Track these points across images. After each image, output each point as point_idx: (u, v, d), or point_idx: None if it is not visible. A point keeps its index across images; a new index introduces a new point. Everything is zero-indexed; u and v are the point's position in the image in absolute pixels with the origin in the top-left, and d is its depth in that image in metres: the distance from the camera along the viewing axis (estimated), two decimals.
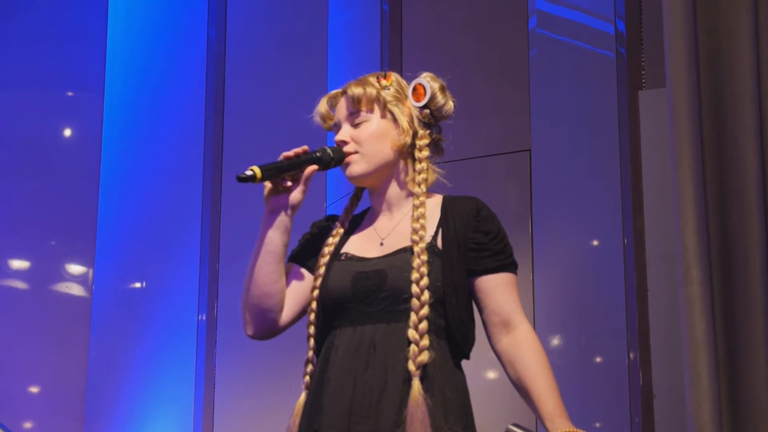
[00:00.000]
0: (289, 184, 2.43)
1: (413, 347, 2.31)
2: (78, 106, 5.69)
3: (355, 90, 2.49)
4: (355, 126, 2.49)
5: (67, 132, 5.71)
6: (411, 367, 2.30)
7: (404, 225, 2.47)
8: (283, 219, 2.42)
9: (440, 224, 2.44)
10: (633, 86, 4.52)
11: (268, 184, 2.41)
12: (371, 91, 2.49)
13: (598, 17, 4.71)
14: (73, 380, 5.39)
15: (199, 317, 5.31)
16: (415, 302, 2.33)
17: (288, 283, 2.48)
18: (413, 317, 2.33)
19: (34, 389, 5.44)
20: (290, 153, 2.41)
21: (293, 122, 5.28)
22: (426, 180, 2.48)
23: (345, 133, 2.49)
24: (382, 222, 2.51)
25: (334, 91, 2.56)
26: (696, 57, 3.09)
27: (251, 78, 5.52)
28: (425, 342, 2.32)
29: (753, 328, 2.97)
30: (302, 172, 2.42)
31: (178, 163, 5.50)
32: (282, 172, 2.39)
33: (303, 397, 2.42)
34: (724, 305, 3.02)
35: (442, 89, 2.53)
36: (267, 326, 2.48)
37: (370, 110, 2.49)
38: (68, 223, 5.55)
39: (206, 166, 5.45)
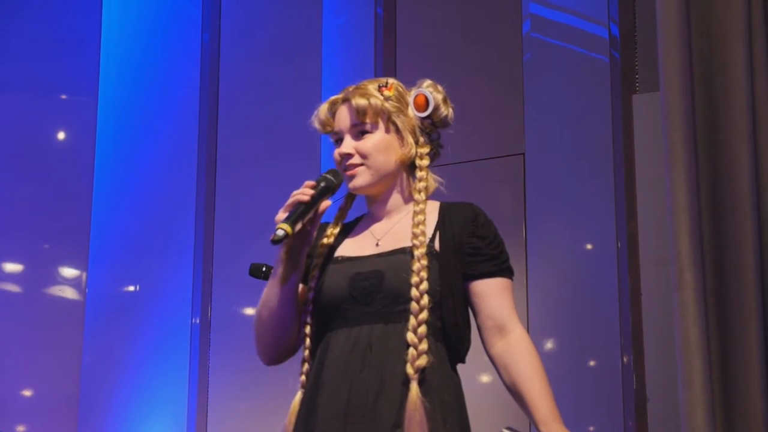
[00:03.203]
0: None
1: (412, 351, 2.31)
2: (72, 110, 5.69)
3: (360, 101, 2.47)
4: (358, 137, 2.48)
5: (61, 135, 5.71)
6: (409, 370, 2.30)
7: (400, 227, 2.47)
8: (299, 257, 2.42)
9: (437, 228, 2.44)
10: (627, 90, 4.53)
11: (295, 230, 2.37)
12: (376, 102, 2.47)
13: (592, 21, 4.72)
14: (66, 384, 5.38)
15: (193, 320, 5.30)
16: (414, 306, 2.34)
17: None
18: (412, 321, 2.33)
19: (27, 393, 5.43)
20: (306, 197, 2.36)
21: (287, 126, 5.30)
22: (426, 188, 2.49)
23: (348, 145, 2.47)
24: (379, 225, 2.51)
25: (335, 97, 2.54)
26: (690, 61, 3.10)
27: (245, 81, 5.52)
28: (423, 346, 2.32)
29: (746, 332, 2.97)
30: (317, 210, 2.39)
31: (172, 166, 5.49)
32: (304, 217, 2.37)
33: (299, 396, 2.43)
34: (718, 309, 3.02)
35: (445, 100, 2.54)
36: (284, 353, 2.49)
37: (374, 122, 2.48)
38: (62, 226, 5.54)
39: (200, 169, 5.44)
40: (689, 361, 2.92)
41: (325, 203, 2.41)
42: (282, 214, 2.35)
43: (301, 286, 2.47)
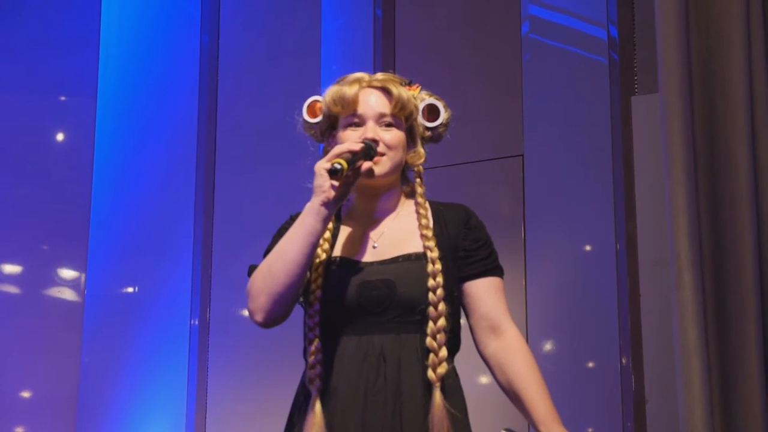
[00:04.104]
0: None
1: (433, 357, 2.31)
2: (71, 111, 5.68)
3: (402, 94, 2.45)
4: (382, 127, 2.45)
5: (60, 136, 5.71)
6: (431, 376, 2.30)
7: (396, 229, 2.46)
8: (331, 213, 2.35)
9: (434, 233, 2.43)
10: (626, 92, 4.53)
11: (335, 182, 2.32)
12: (410, 99, 2.46)
13: (591, 23, 4.72)
14: (65, 385, 5.38)
15: (192, 322, 5.30)
16: (432, 311, 2.33)
17: None
18: (431, 326, 2.32)
19: (25, 394, 5.42)
20: (357, 147, 2.33)
21: (286, 127, 5.29)
22: (424, 192, 2.49)
23: (375, 132, 2.43)
24: (371, 225, 2.49)
25: (364, 81, 2.48)
26: (688, 62, 3.10)
27: (244, 83, 5.52)
28: (443, 353, 2.32)
29: (745, 333, 2.97)
30: (358, 168, 2.35)
31: (171, 167, 5.49)
32: (353, 165, 2.33)
33: (318, 404, 2.32)
34: (716, 310, 3.03)
35: (448, 121, 2.53)
36: (281, 314, 2.36)
37: (401, 118, 2.46)
38: (61, 227, 5.53)
39: (199, 171, 5.44)
40: (688, 361, 2.92)
41: (367, 164, 2.36)
42: (325, 163, 2.31)
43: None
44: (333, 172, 2.28)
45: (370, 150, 2.38)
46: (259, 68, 5.51)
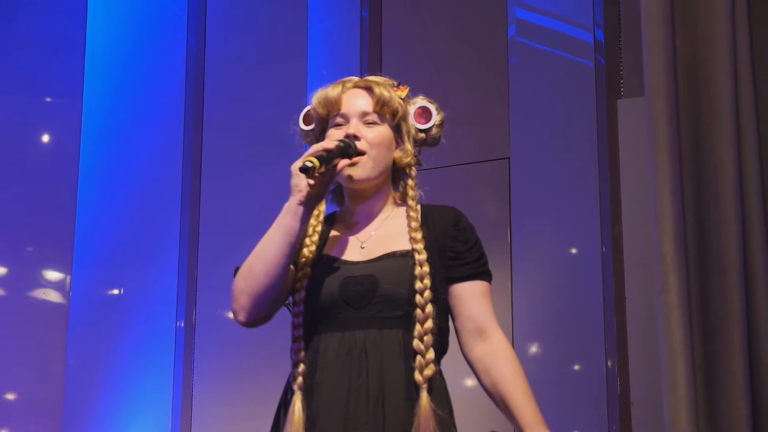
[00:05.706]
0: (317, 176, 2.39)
1: (420, 359, 2.32)
2: (56, 112, 5.67)
3: (384, 93, 2.48)
4: (365, 125, 2.47)
5: (46, 138, 5.69)
6: (418, 378, 2.31)
7: (385, 231, 2.47)
8: (308, 212, 2.37)
9: (423, 235, 2.44)
10: (612, 95, 4.54)
11: (310, 180, 2.34)
12: (395, 98, 2.49)
13: (577, 26, 4.73)
14: (50, 387, 5.36)
15: (177, 324, 5.29)
16: (419, 313, 2.34)
17: None
18: (418, 328, 2.34)
19: (10, 396, 5.40)
20: (331, 145, 2.35)
21: (272, 129, 5.30)
22: (416, 195, 2.50)
23: (357, 129, 2.46)
24: (360, 227, 2.50)
25: (350, 82, 2.53)
26: (674, 66, 3.11)
27: (230, 84, 5.52)
28: (431, 355, 2.33)
29: (730, 336, 2.98)
30: (335, 165, 2.37)
31: (157, 169, 5.48)
32: (328, 163, 2.35)
33: (299, 402, 2.35)
34: (702, 313, 3.03)
35: (441, 123, 2.56)
36: (263, 314, 2.40)
37: (386, 116, 2.49)
38: (46, 229, 5.52)
39: (185, 173, 5.43)
40: (673, 364, 2.93)
41: (343, 162, 2.38)
42: (299, 162, 2.32)
43: (291, 268, 2.42)
44: (304, 170, 2.30)
45: (348, 148, 2.40)
46: (245, 70, 5.50)
